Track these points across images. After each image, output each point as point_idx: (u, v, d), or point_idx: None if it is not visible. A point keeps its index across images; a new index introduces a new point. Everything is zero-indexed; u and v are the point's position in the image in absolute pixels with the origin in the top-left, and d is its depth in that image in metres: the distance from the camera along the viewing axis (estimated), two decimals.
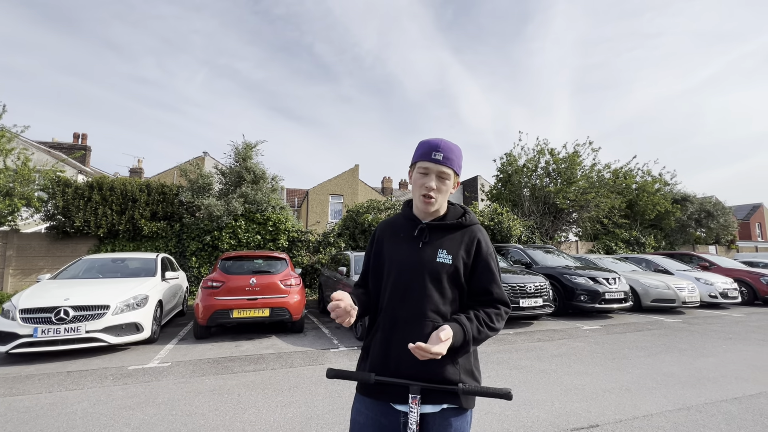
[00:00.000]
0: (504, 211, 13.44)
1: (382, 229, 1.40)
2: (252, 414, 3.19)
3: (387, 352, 1.22)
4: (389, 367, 1.20)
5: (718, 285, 9.54)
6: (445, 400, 1.16)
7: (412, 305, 1.22)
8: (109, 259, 6.93)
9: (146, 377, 4.17)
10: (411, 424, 1.09)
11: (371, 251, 1.41)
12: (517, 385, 3.89)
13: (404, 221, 1.36)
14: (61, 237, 10.46)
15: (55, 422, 3.04)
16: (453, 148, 1.25)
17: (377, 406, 1.21)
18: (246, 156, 11.62)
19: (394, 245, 1.32)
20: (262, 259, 6.84)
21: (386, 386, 1.18)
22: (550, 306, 7.21)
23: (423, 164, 1.24)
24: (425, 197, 1.24)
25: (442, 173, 1.23)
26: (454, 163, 1.24)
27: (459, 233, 1.29)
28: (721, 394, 3.66)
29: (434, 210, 1.28)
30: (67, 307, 4.80)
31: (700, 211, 20.53)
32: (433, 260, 1.23)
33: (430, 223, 1.30)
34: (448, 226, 1.29)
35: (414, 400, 1.11)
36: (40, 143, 17.99)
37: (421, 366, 1.15)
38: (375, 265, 1.37)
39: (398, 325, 1.22)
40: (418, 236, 1.29)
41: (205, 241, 10.85)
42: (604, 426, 2.95)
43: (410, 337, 1.17)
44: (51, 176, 10.54)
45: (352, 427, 1.25)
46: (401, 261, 1.27)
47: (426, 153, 1.24)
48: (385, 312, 1.27)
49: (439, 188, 1.24)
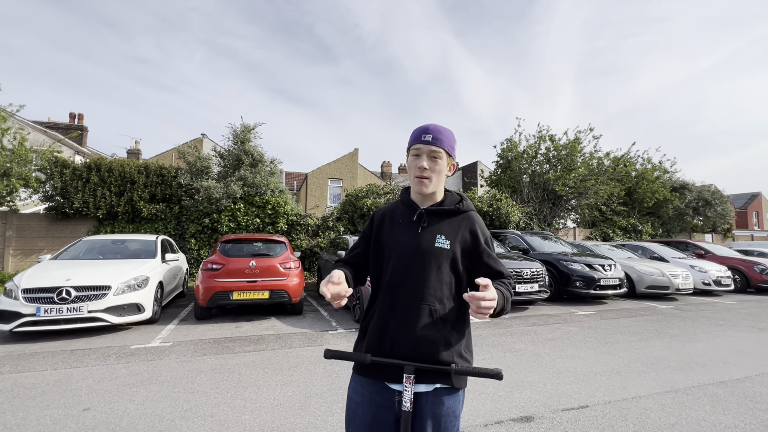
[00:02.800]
0: (503, 197, 13.45)
1: (381, 214, 1.42)
2: (252, 392, 3.29)
3: (383, 334, 1.25)
4: (385, 349, 1.24)
5: (712, 273, 9.66)
6: (438, 380, 1.20)
7: (411, 289, 1.25)
8: (109, 241, 6.97)
9: (148, 356, 4.26)
10: (405, 402, 1.14)
11: (370, 234, 1.42)
12: (510, 367, 4.00)
13: (403, 207, 1.38)
14: (61, 218, 10.47)
15: (61, 398, 3.13)
16: (443, 130, 1.29)
17: (373, 385, 1.25)
18: (244, 139, 11.53)
19: (394, 231, 1.34)
20: (262, 242, 6.88)
21: (382, 366, 1.22)
22: (546, 291, 7.31)
23: (415, 147, 1.28)
24: (419, 178, 1.27)
25: (432, 152, 1.26)
26: (445, 143, 1.27)
27: (456, 219, 1.32)
28: (708, 377, 3.77)
29: (430, 192, 1.30)
30: (69, 287, 4.86)
31: (698, 200, 20.57)
32: (431, 245, 1.27)
33: (428, 208, 1.32)
34: (446, 212, 1.32)
35: (408, 379, 1.15)
36: (35, 123, 17.77)
37: (416, 348, 1.20)
38: (375, 249, 1.39)
39: (396, 308, 1.26)
40: (417, 221, 1.31)
41: (204, 224, 10.88)
42: (593, 407, 3.05)
43: (407, 321, 1.22)
44: (48, 156, 10.48)
45: (348, 405, 1.30)
46: (401, 246, 1.30)
47: (417, 136, 1.28)
48: (384, 295, 1.29)
49: (432, 168, 1.26)
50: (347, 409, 1.30)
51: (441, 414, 1.20)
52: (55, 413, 2.86)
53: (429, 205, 1.33)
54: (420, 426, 1.19)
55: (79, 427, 2.65)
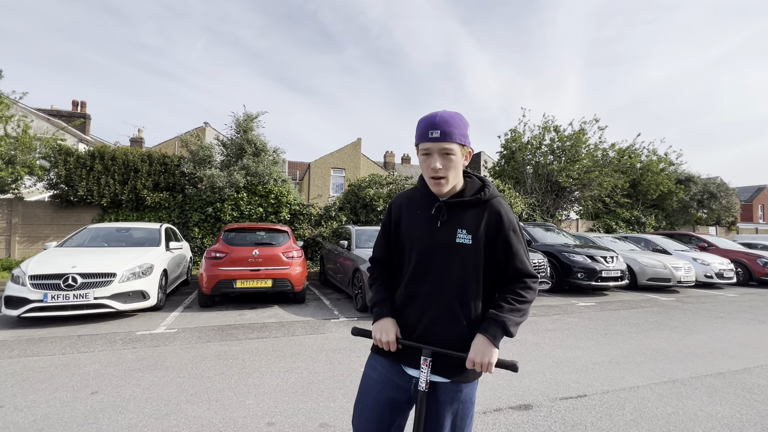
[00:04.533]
0: (506, 188, 13.41)
1: (400, 203, 1.37)
2: (256, 378, 3.35)
3: (404, 323, 1.28)
4: (406, 333, 1.28)
5: (715, 265, 9.65)
6: (454, 375, 1.21)
7: (432, 286, 1.23)
8: (114, 229, 7.03)
9: (154, 342, 4.34)
10: (421, 383, 1.18)
11: (390, 225, 1.38)
12: (510, 357, 4.04)
13: (421, 197, 1.31)
14: (65, 206, 10.55)
15: (70, 381, 3.20)
16: (450, 120, 1.16)
17: (391, 366, 1.28)
18: (247, 127, 11.50)
19: (413, 223, 1.30)
20: (265, 232, 6.92)
21: (401, 350, 1.26)
22: (547, 283, 7.34)
23: (423, 146, 1.18)
24: (434, 179, 1.19)
25: (444, 150, 1.15)
26: (456, 135, 1.15)
27: (478, 209, 1.23)
28: (706, 369, 3.80)
29: (446, 190, 1.22)
30: (75, 274, 4.93)
31: (703, 192, 20.43)
32: (452, 241, 1.20)
33: (448, 200, 1.24)
34: (467, 203, 1.23)
35: (425, 362, 1.18)
36: (39, 110, 17.77)
37: (435, 338, 1.23)
38: (395, 241, 1.36)
39: (415, 304, 1.26)
40: (435, 214, 1.24)
41: (208, 213, 10.93)
42: (591, 396, 3.10)
43: (425, 317, 1.24)
44: (52, 144, 10.51)
45: (363, 381, 1.32)
46: (420, 241, 1.26)
47: (424, 133, 1.17)
48: (405, 289, 1.29)
49: (446, 166, 1.16)
50: (361, 385, 1.32)
51: (459, 400, 1.23)
52: (64, 396, 2.93)
53: (449, 196, 1.25)
54: (439, 412, 1.21)
55: (88, 409, 2.72)
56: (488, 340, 1.14)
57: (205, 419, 2.61)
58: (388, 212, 1.40)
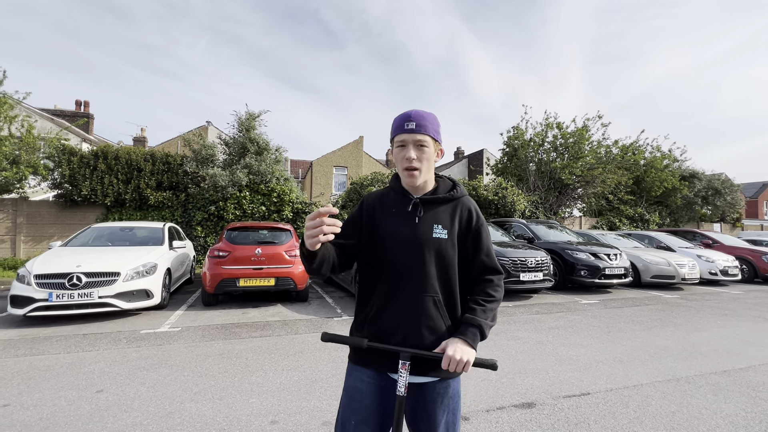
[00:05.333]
0: (509, 185, 13.37)
1: (372, 201, 1.35)
2: (259, 376, 3.36)
3: (384, 324, 1.24)
4: (386, 339, 1.23)
5: (719, 262, 9.59)
6: (440, 373, 1.23)
7: (414, 282, 1.23)
8: (118, 228, 7.06)
9: (158, 341, 4.36)
10: (400, 387, 1.15)
11: (361, 220, 1.33)
12: (513, 354, 4.04)
13: (395, 195, 1.33)
14: (69, 205, 10.61)
15: (75, 380, 3.23)
16: (425, 115, 1.24)
17: (379, 375, 1.25)
18: (249, 126, 11.51)
19: (389, 221, 1.29)
20: (267, 230, 6.93)
21: (383, 356, 1.22)
22: (550, 280, 7.32)
23: (399, 137, 1.23)
24: (408, 170, 1.24)
25: (418, 141, 1.22)
26: (429, 129, 1.23)
27: (451, 206, 1.30)
28: (711, 367, 3.78)
29: (421, 182, 1.27)
30: (79, 273, 4.96)
31: (707, 189, 20.28)
32: (429, 236, 1.24)
33: (423, 197, 1.29)
34: (441, 200, 1.30)
35: (404, 365, 1.15)
36: (42, 110, 17.85)
37: (420, 339, 1.21)
38: (370, 239, 1.31)
39: (398, 300, 1.24)
40: (412, 212, 1.28)
41: (211, 211, 10.97)
42: (595, 394, 3.09)
43: (410, 313, 1.22)
44: (56, 144, 10.56)
45: (351, 395, 1.25)
46: (399, 237, 1.26)
47: (399, 126, 1.23)
48: (384, 288, 1.26)
49: (420, 157, 1.23)
50: (349, 400, 1.25)
51: (449, 396, 1.25)
52: (69, 395, 2.95)
53: (423, 193, 1.31)
54: (435, 411, 1.23)
55: (93, 408, 2.74)
56: (466, 342, 1.17)
57: (209, 417, 2.63)
58: (360, 207, 1.36)
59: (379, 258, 1.29)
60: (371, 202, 1.35)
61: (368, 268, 1.32)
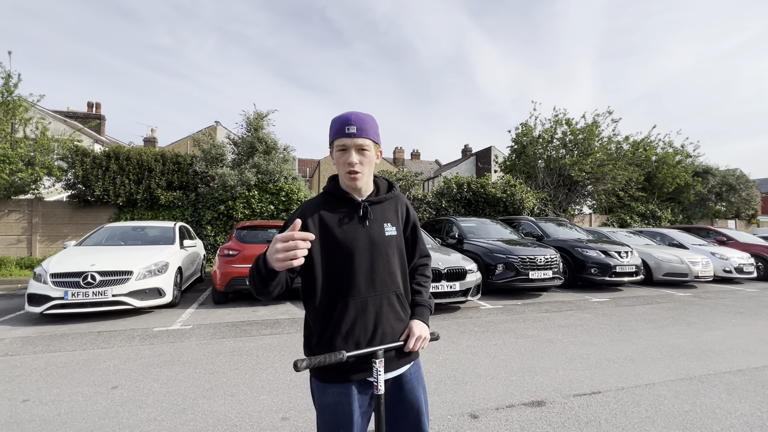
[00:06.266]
0: (517, 183, 13.27)
1: (312, 211, 1.26)
2: (270, 374, 3.40)
3: (358, 333, 1.22)
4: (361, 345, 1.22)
5: (734, 260, 9.40)
6: (414, 357, 1.35)
7: (379, 282, 1.26)
8: (130, 227, 7.18)
9: (170, 338, 4.44)
10: (379, 386, 1.16)
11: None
12: (522, 353, 4.02)
13: (337, 201, 1.30)
14: (83, 205, 10.81)
15: (91, 376, 3.30)
16: (365, 118, 1.26)
17: (360, 385, 1.23)
18: (257, 126, 11.59)
19: (341, 227, 1.25)
20: (276, 229, 6.99)
21: (357, 364, 1.20)
22: (560, 278, 7.26)
23: (340, 141, 1.23)
24: (350, 174, 1.24)
25: (359, 146, 1.23)
26: (370, 132, 1.25)
27: (392, 204, 1.38)
28: (725, 366, 3.72)
29: (363, 185, 1.28)
30: (93, 272, 5.06)
31: (721, 185, 19.88)
32: (383, 235, 1.29)
33: (369, 199, 1.31)
34: (384, 200, 1.36)
35: (380, 363, 1.18)
36: (55, 112, 18.20)
37: (393, 335, 1.28)
38: (322, 250, 1.24)
39: (367, 305, 1.23)
40: (364, 215, 1.28)
41: (220, 211, 11.09)
42: (606, 393, 3.06)
43: (380, 313, 1.25)
44: (69, 146, 10.76)
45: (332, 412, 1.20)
46: (357, 242, 1.24)
47: (340, 130, 1.23)
48: (349, 296, 1.22)
49: (362, 161, 1.24)
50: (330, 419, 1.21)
51: (421, 375, 1.38)
52: (86, 390, 3.02)
53: (366, 195, 1.33)
54: (416, 395, 1.32)
55: (109, 404, 2.81)
56: (423, 321, 1.34)
57: (222, 413, 2.67)
58: (303, 220, 1.23)
59: (338, 268, 1.23)
60: (312, 211, 1.26)
61: (323, 283, 1.24)
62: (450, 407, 2.78)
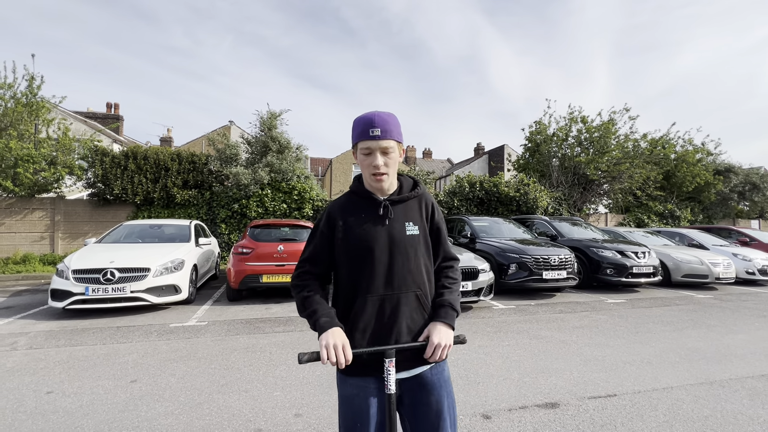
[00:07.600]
0: (531, 181, 13.10)
1: (337, 211, 1.33)
2: (283, 370, 3.45)
3: (376, 330, 1.24)
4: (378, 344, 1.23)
5: (758, 261, 9.10)
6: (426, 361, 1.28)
7: (398, 282, 1.25)
8: (147, 225, 7.35)
9: (186, 334, 4.53)
10: (390, 386, 1.16)
11: (331, 236, 1.32)
12: (536, 354, 3.98)
13: (360, 200, 1.33)
14: (102, 203, 11.10)
15: (111, 369, 3.40)
16: (388, 119, 1.25)
17: (377, 381, 1.24)
18: (271, 125, 11.71)
19: (361, 226, 1.28)
20: (289, 227, 7.06)
21: (375, 361, 1.21)
22: (575, 278, 7.14)
23: (364, 144, 1.24)
24: (376, 176, 1.25)
25: (384, 149, 1.23)
26: (394, 133, 1.25)
27: (415, 202, 1.36)
28: (747, 370, 3.61)
29: (388, 185, 1.30)
30: (113, 269, 5.20)
31: (744, 183, 19.23)
32: (404, 234, 1.28)
33: (391, 198, 1.31)
34: (407, 199, 1.34)
35: (390, 363, 1.17)
36: (76, 113, 18.72)
37: (406, 336, 1.26)
38: (344, 248, 1.29)
39: (386, 303, 1.24)
40: (384, 214, 1.29)
41: (234, 209, 11.26)
42: (622, 396, 3.01)
43: (398, 313, 1.25)
44: (89, 146, 11.07)
45: (353, 406, 1.24)
46: (377, 241, 1.26)
47: (364, 132, 1.23)
48: (369, 295, 1.25)
49: (387, 163, 1.25)
50: (352, 414, 1.24)
51: (445, 379, 1.30)
52: (106, 384, 3.11)
53: (389, 194, 1.33)
54: (438, 397, 1.27)
55: (128, 397, 2.89)
56: (446, 324, 1.26)
57: (236, 409, 2.72)
58: (327, 220, 1.33)
59: (358, 266, 1.27)
60: (336, 212, 1.33)
61: (344, 276, 1.30)
62: (462, 407, 2.77)
